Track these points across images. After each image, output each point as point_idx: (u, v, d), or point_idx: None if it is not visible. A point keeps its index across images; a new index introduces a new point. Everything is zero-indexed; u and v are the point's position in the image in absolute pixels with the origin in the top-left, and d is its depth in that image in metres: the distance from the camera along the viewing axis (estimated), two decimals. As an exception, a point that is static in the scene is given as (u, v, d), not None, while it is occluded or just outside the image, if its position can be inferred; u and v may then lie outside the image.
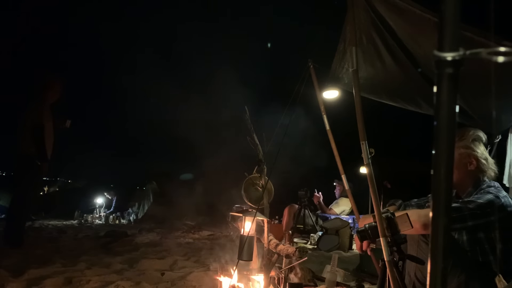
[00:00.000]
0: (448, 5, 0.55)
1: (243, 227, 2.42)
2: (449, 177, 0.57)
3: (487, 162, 2.01)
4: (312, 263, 3.56)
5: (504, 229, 1.79)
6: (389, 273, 1.68)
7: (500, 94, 2.42)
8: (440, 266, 0.56)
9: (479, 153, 1.99)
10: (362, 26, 2.57)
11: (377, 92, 3.25)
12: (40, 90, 4.53)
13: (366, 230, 1.76)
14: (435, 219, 0.57)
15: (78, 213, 9.72)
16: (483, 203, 1.77)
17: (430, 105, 3.08)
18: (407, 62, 2.70)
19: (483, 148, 2.03)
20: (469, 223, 1.76)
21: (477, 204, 1.77)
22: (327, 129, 3.09)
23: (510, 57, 0.52)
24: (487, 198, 1.80)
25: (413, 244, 1.91)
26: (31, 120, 4.36)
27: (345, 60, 3.00)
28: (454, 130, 0.56)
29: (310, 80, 3.09)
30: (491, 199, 1.79)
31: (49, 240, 5.33)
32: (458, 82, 0.55)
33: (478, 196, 1.84)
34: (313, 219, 5.74)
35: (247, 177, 3.00)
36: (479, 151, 1.99)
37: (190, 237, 6.20)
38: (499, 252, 1.80)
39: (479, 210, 1.75)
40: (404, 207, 2.21)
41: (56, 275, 3.02)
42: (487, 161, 2.00)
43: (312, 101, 3.20)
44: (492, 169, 2.02)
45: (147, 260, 3.74)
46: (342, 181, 3.13)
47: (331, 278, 2.75)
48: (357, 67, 1.99)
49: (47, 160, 4.37)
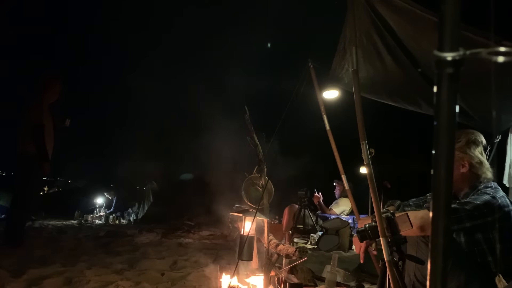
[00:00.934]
0: (448, 5, 0.55)
1: (243, 227, 2.42)
2: (449, 177, 0.56)
3: (481, 165, 2.00)
4: (312, 263, 3.56)
5: (502, 229, 1.79)
6: (389, 273, 1.68)
7: (500, 94, 2.42)
8: (440, 266, 0.56)
9: (473, 157, 1.98)
10: (362, 26, 2.57)
11: (377, 92, 3.25)
12: (40, 90, 4.53)
13: (366, 230, 1.76)
14: (435, 220, 0.57)
15: (78, 213, 9.71)
16: (480, 204, 1.77)
17: (430, 105, 3.08)
18: (407, 62, 2.70)
19: (479, 151, 2.02)
20: (467, 224, 1.76)
21: (474, 205, 1.77)
22: (327, 129, 3.09)
23: (510, 57, 0.51)
24: (484, 198, 1.81)
25: (412, 245, 1.91)
26: (30, 120, 4.36)
27: (345, 60, 3.00)
28: (454, 130, 0.56)
29: (310, 80, 3.10)
30: (488, 200, 1.80)
31: (49, 240, 5.33)
32: (458, 82, 0.55)
33: (475, 197, 1.85)
34: (313, 219, 5.74)
35: (247, 177, 3.00)
36: (473, 155, 1.99)
37: (190, 237, 6.20)
38: (498, 252, 1.80)
39: (476, 211, 1.76)
40: (403, 208, 2.21)
41: (56, 275, 3.02)
42: (481, 164, 1.99)
43: (312, 101, 3.20)
44: (489, 171, 2.02)
45: (147, 260, 3.74)
46: (342, 181, 3.13)
47: (331, 278, 2.75)
48: (357, 67, 1.99)
49: (48, 159, 4.37)
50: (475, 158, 1.99)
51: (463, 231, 1.88)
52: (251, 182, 2.98)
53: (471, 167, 1.99)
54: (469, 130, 2.10)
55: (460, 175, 2.00)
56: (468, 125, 2.92)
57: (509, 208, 1.84)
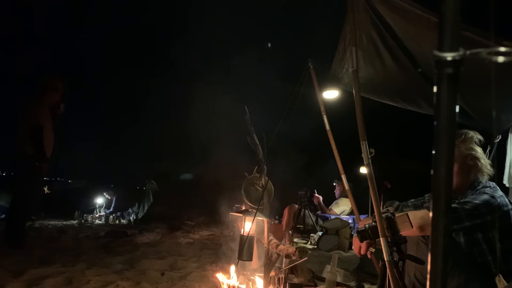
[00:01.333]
0: (448, 5, 0.55)
1: (243, 227, 2.42)
2: (449, 177, 0.56)
3: (486, 163, 2.03)
4: (312, 263, 3.55)
5: (501, 229, 1.79)
6: (389, 273, 1.68)
7: (500, 94, 2.43)
8: (440, 266, 0.56)
9: (479, 155, 2.00)
10: (362, 26, 2.57)
11: (377, 92, 3.25)
12: (40, 91, 4.53)
13: (366, 230, 1.76)
14: (435, 220, 0.57)
15: (78, 213, 9.70)
16: (479, 204, 1.78)
17: (430, 105, 3.08)
18: (407, 62, 2.70)
19: (481, 150, 2.05)
20: (466, 224, 1.76)
21: (473, 205, 1.78)
22: (327, 129, 3.09)
23: (510, 57, 0.51)
24: (483, 198, 1.81)
25: (412, 245, 1.91)
26: (30, 120, 4.35)
27: (345, 60, 3.00)
28: (454, 130, 0.56)
29: (310, 80, 3.09)
30: (487, 199, 1.80)
31: (49, 240, 5.33)
32: (458, 82, 0.55)
33: (474, 197, 1.85)
34: (313, 219, 5.74)
35: (247, 177, 3.00)
36: (479, 153, 2.01)
37: (190, 237, 6.19)
38: (498, 252, 1.80)
39: (475, 210, 1.76)
40: (401, 209, 2.21)
41: (56, 275, 3.02)
42: (482, 163, 2.02)
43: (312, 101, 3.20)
44: (489, 170, 2.04)
45: (147, 260, 3.74)
46: (342, 181, 3.12)
47: (331, 278, 2.75)
48: (357, 67, 1.99)
49: (46, 160, 4.36)
50: (482, 155, 2.01)
51: (463, 230, 1.88)
52: (251, 182, 2.98)
53: (480, 165, 1.99)
54: (469, 130, 2.11)
55: (467, 174, 2.00)
56: (468, 125, 2.92)
57: (508, 208, 1.85)
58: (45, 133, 4.35)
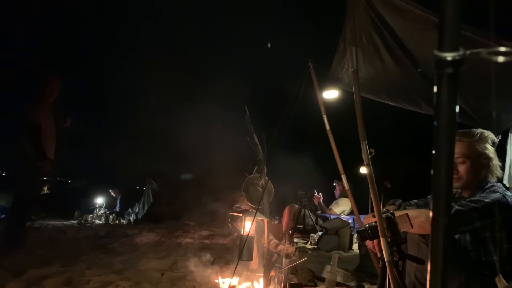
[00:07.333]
0: (448, 5, 0.55)
1: (243, 227, 2.42)
2: (449, 177, 0.56)
3: (497, 164, 2.02)
4: (312, 263, 3.56)
5: (509, 229, 1.78)
6: (389, 273, 1.68)
7: (500, 94, 2.42)
8: (440, 266, 0.56)
9: (492, 155, 2.00)
10: (362, 26, 2.57)
11: (377, 92, 3.25)
12: (39, 89, 4.53)
13: (366, 230, 1.76)
14: (435, 219, 0.57)
15: (78, 213, 9.70)
16: (489, 203, 1.76)
17: (430, 105, 3.08)
18: (407, 62, 2.70)
19: (494, 150, 2.04)
20: (477, 225, 1.74)
21: (483, 204, 1.75)
22: (327, 129, 3.09)
23: (510, 57, 0.51)
24: (494, 197, 1.79)
25: (412, 245, 1.91)
26: (28, 119, 4.35)
27: (345, 60, 3.00)
28: (454, 130, 0.56)
29: (310, 80, 3.10)
30: (498, 198, 1.78)
31: (49, 240, 5.33)
32: (458, 82, 0.55)
33: (484, 195, 1.83)
34: (313, 219, 5.74)
35: (247, 177, 3.00)
36: (492, 154, 2.00)
37: (190, 237, 6.19)
38: (504, 252, 1.79)
39: (486, 210, 1.74)
40: (404, 207, 2.21)
41: (56, 275, 3.02)
42: (497, 163, 2.02)
43: (312, 101, 3.20)
44: (500, 172, 2.04)
45: (147, 260, 3.74)
46: (342, 181, 3.13)
47: (331, 278, 2.75)
48: (357, 67, 1.99)
49: (47, 159, 4.36)
50: (493, 157, 2.00)
51: (473, 231, 1.87)
52: (251, 182, 2.98)
53: (486, 165, 1.98)
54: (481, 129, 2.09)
55: (480, 173, 1.98)
56: (468, 125, 2.92)
57: None
58: (44, 132, 4.35)
